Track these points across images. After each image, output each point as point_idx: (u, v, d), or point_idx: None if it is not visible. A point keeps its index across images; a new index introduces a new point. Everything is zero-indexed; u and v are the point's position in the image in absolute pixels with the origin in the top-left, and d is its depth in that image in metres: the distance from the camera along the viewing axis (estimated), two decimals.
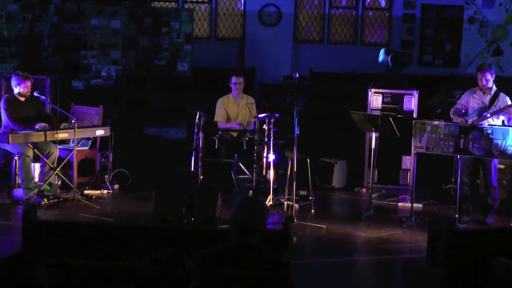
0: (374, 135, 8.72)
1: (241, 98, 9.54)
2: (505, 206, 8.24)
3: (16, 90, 8.54)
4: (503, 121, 7.82)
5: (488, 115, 7.83)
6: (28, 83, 8.51)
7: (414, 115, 9.39)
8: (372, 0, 14.84)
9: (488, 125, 7.70)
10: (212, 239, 4.39)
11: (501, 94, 7.89)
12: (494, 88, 7.93)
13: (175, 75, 12.66)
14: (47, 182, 8.43)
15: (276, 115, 8.46)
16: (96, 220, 7.64)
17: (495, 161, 7.84)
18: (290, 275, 3.74)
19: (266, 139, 8.48)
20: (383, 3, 14.89)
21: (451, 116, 8.13)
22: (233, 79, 9.43)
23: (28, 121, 8.47)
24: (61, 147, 8.94)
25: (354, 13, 14.84)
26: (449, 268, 4.75)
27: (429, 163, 8.67)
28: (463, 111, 8.08)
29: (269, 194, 8.28)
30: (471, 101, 8.02)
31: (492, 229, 7.14)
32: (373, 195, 8.62)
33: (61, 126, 8.56)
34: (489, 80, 7.86)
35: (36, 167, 8.77)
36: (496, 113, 7.81)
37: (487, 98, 7.91)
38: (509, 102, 7.83)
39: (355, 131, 8.89)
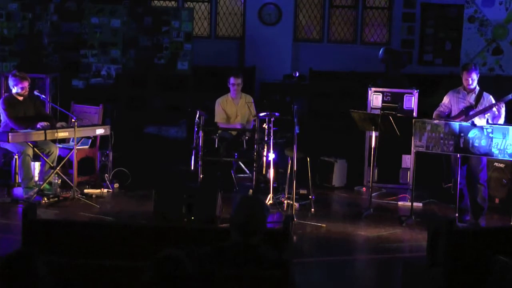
0: (374, 134, 8.72)
1: (239, 98, 9.54)
2: (505, 205, 8.24)
3: (14, 90, 8.54)
4: (487, 120, 7.80)
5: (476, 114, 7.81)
6: (25, 84, 8.50)
7: (414, 114, 9.39)
8: None
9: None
10: (212, 238, 4.39)
11: (485, 93, 7.87)
12: (477, 87, 7.91)
13: (175, 74, 12.66)
14: (47, 181, 8.43)
15: (276, 114, 8.47)
16: (96, 219, 7.65)
17: (484, 159, 7.80)
18: (290, 274, 3.74)
19: (266, 138, 8.48)
20: (383, 2, 14.88)
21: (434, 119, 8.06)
22: (232, 80, 9.41)
23: (27, 120, 8.47)
24: (61, 146, 8.95)
25: (354, 12, 14.84)
26: (449, 267, 4.75)
27: (429, 162, 8.67)
28: (446, 112, 8.04)
29: (269, 193, 8.29)
30: (456, 101, 7.97)
31: (492, 228, 7.13)
32: (373, 194, 8.63)
33: (58, 125, 8.56)
34: (474, 80, 7.84)
35: (36, 166, 8.78)
36: (482, 112, 7.79)
37: (472, 97, 7.88)
38: (493, 101, 7.81)
39: (355, 130, 8.90)
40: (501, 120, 7.74)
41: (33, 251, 3.25)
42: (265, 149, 8.54)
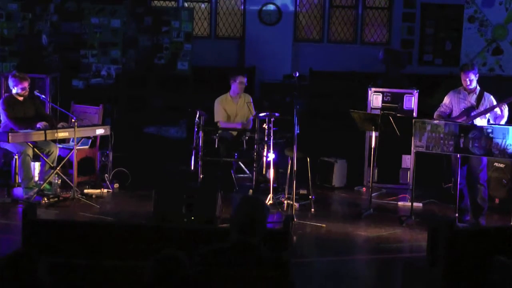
0: (374, 134, 8.72)
1: (239, 97, 9.52)
2: (505, 205, 8.24)
3: (13, 91, 8.55)
4: (488, 120, 7.80)
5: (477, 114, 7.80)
6: (25, 84, 8.50)
7: (414, 114, 9.39)
8: None
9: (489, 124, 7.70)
10: (212, 239, 4.39)
11: (486, 93, 7.86)
12: (478, 87, 7.90)
13: (175, 74, 12.65)
14: (47, 181, 8.43)
15: (276, 114, 8.47)
16: (96, 219, 7.64)
17: (484, 159, 7.80)
18: (290, 274, 3.74)
19: (266, 138, 8.48)
20: (383, 2, 14.89)
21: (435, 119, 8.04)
22: (239, 78, 9.35)
23: (27, 120, 8.47)
24: (61, 146, 8.94)
25: (354, 12, 14.84)
26: (449, 267, 4.75)
27: (429, 162, 8.67)
28: (447, 112, 8.04)
29: (269, 193, 8.29)
30: (457, 101, 7.96)
31: (492, 228, 7.13)
32: (373, 194, 8.62)
33: (59, 125, 8.57)
34: (473, 80, 7.82)
35: (36, 166, 8.78)
36: (484, 113, 7.77)
37: (473, 98, 7.87)
38: (494, 101, 7.80)
39: (355, 130, 8.89)
40: (503, 121, 7.74)
41: (33, 252, 3.25)
42: (265, 149, 8.54)
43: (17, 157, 8.50)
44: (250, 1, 14.48)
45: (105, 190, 8.82)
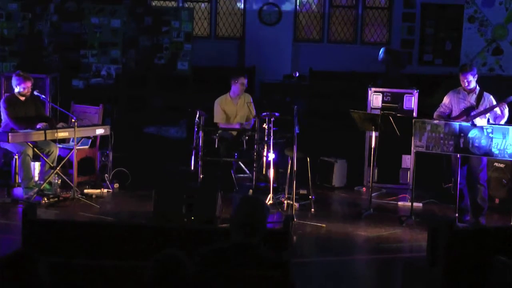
0: (374, 134, 8.72)
1: (238, 98, 9.51)
2: (505, 205, 8.24)
3: (16, 90, 8.56)
4: (488, 120, 7.80)
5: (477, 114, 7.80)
6: (28, 84, 8.52)
7: (414, 114, 9.39)
8: None
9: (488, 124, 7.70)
10: (212, 239, 4.39)
11: (485, 93, 7.86)
12: (478, 87, 7.90)
13: (175, 74, 12.65)
14: (47, 181, 8.43)
15: (276, 114, 8.47)
16: (96, 219, 7.64)
17: (484, 159, 7.80)
18: (290, 274, 3.74)
19: (266, 138, 8.48)
20: (383, 2, 14.89)
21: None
22: (241, 80, 9.34)
23: (27, 120, 8.47)
24: (61, 146, 8.95)
25: (354, 12, 14.84)
26: (449, 267, 4.75)
27: (429, 162, 8.67)
28: (447, 112, 8.03)
29: (269, 193, 8.29)
30: (456, 101, 7.96)
31: (492, 228, 7.13)
32: (373, 194, 8.62)
33: (59, 125, 8.57)
34: (471, 81, 7.81)
35: (36, 166, 8.78)
36: (484, 113, 7.77)
37: (472, 98, 7.86)
38: (494, 101, 7.80)
39: (355, 130, 8.89)
40: (503, 121, 7.73)
41: (34, 252, 3.25)
42: (265, 149, 8.54)
43: (17, 157, 8.50)
44: (250, 1, 14.48)
45: (105, 190, 8.82)
